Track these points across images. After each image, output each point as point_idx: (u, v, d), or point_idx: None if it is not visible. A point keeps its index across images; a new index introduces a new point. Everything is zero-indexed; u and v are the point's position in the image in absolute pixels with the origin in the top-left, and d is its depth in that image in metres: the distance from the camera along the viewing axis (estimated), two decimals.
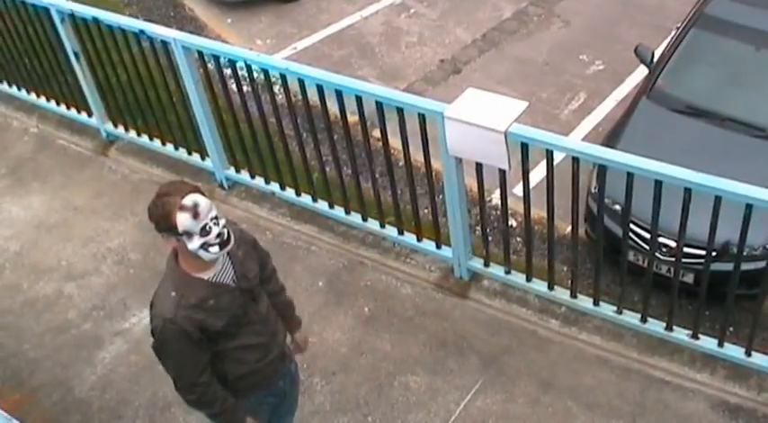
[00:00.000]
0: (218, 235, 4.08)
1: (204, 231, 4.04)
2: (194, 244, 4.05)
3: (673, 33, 9.22)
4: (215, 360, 4.44)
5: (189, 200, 4.02)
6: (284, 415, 5.21)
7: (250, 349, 4.55)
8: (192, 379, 4.35)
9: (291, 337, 5.09)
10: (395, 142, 6.68)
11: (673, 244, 6.56)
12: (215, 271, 4.29)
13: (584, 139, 9.26)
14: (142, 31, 7.42)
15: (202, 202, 4.05)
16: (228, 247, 4.17)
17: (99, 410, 6.45)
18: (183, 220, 4.00)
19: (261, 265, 4.66)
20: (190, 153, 8.32)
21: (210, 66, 7.40)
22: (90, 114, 8.91)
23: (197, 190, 4.12)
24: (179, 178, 8.16)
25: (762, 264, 6.36)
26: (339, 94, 6.59)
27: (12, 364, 6.83)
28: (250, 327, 4.49)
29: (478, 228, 7.21)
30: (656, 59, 8.78)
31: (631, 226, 6.65)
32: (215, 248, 4.09)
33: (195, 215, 4.00)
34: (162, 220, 4.06)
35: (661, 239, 6.75)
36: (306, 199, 7.75)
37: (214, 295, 4.27)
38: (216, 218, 4.08)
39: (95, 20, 7.71)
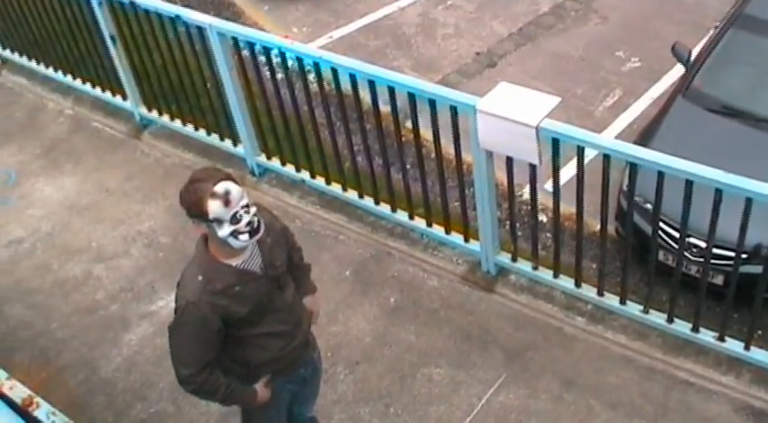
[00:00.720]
0: (249, 223, 4.07)
1: (235, 219, 4.03)
2: (224, 231, 4.05)
3: (711, 32, 9.14)
4: (237, 346, 4.45)
5: (221, 187, 4.01)
6: (304, 403, 5.23)
7: (273, 337, 4.54)
8: (194, 370, 4.33)
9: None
10: (426, 134, 6.68)
11: (702, 244, 6.50)
12: (243, 258, 4.29)
13: (617, 137, 9.18)
14: (178, 17, 7.45)
15: (234, 189, 4.04)
16: (258, 236, 4.16)
17: (123, 391, 6.50)
18: (213, 208, 4.00)
19: (290, 249, 4.67)
20: (222, 139, 8.35)
21: (245, 52, 7.41)
22: (124, 98, 8.98)
23: (229, 177, 4.11)
24: (211, 164, 8.25)
25: None
26: (372, 84, 6.59)
27: (40, 343, 6.90)
28: (275, 314, 4.49)
29: (507, 222, 7.19)
30: (693, 58, 8.70)
31: (661, 225, 6.61)
32: (245, 236, 4.08)
33: (226, 203, 4.00)
34: (193, 206, 4.06)
35: (691, 239, 6.70)
36: (336, 188, 7.76)
37: (240, 282, 4.27)
38: (247, 206, 4.07)
39: (132, 4, 7.75)
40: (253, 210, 4.12)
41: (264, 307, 4.41)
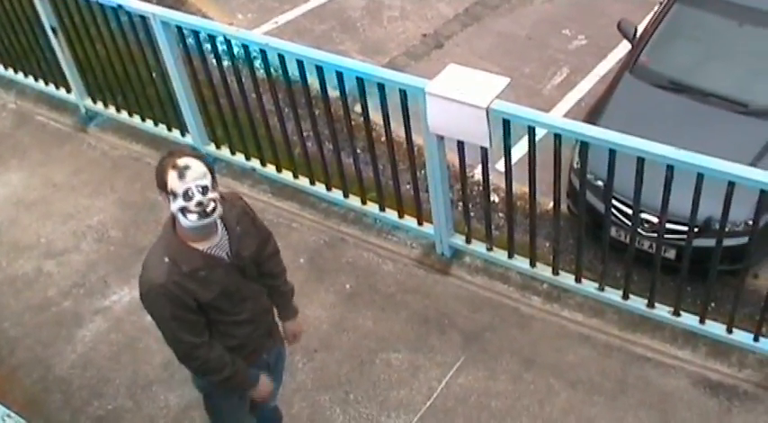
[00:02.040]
0: (199, 203, 4.02)
1: (187, 196, 4.00)
2: (174, 205, 4.04)
3: (656, 8, 9.18)
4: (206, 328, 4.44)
5: (182, 161, 4.01)
6: None
7: (239, 324, 4.54)
8: (192, 341, 4.33)
9: (282, 325, 5.03)
10: (376, 118, 6.65)
11: (655, 220, 6.55)
12: (210, 244, 4.27)
13: (566, 115, 9.23)
14: (120, 6, 7.33)
15: (194, 167, 4.03)
16: (207, 220, 4.10)
17: (79, 389, 6.41)
18: (170, 178, 4.00)
19: (260, 244, 4.62)
20: (170, 129, 8.26)
21: (190, 41, 7.32)
22: (69, 90, 8.84)
23: (199, 157, 4.12)
24: (159, 154, 8.15)
25: (744, 239, 6.34)
26: (320, 69, 6.53)
27: None
28: (241, 303, 4.49)
29: (460, 204, 7.19)
30: (639, 35, 8.74)
31: (613, 202, 6.64)
32: (193, 216, 4.04)
33: (181, 176, 3.98)
34: (158, 176, 4.07)
35: (643, 215, 6.72)
36: (287, 175, 7.71)
37: (206, 267, 4.25)
38: (204, 188, 4.03)
39: None
40: (211, 195, 4.06)
41: (231, 294, 4.40)
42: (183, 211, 4.04)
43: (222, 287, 4.32)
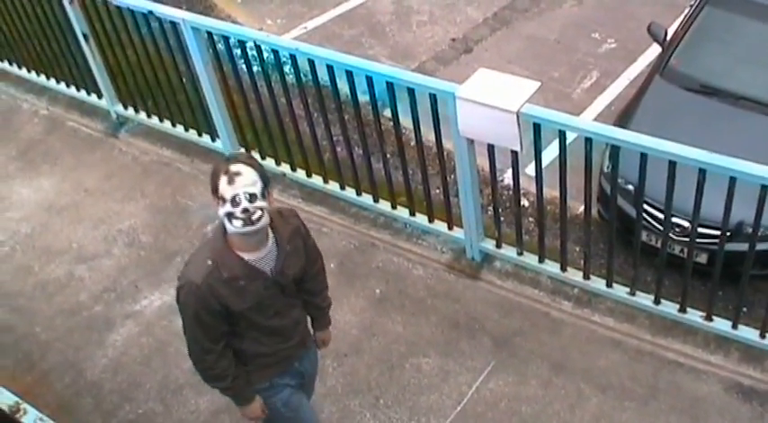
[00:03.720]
0: (244, 211, 4.03)
1: (234, 202, 4.01)
2: (222, 210, 4.06)
3: (686, 11, 9.12)
4: (234, 337, 4.46)
5: (235, 167, 4.04)
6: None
7: (271, 334, 4.55)
8: (205, 345, 4.36)
9: (314, 333, 5.05)
10: (406, 122, 6.65)
11: (686, 224, 6.51)
12: (257, 255, 4.28)
13: (596, 119, 9.19)
14: (151, 12, 7.37)
15: (246, 173, 4.04)
16: (252, 228, 4.10)
17: (110, 393, 6.45)
18: (221, 183, 4.03)
19: (306, 264, 4.62)
20: (200, 134, 8.29)
21: (220, 46, 7.35)
22: (100, 96, 8.89)
23: (254, 165, 4.12)
24: (189, 160, 8.27)
25: None
26: (349, 74, 6.54)
27: (23, 347, 6.83)
28: (274, 317, 4.50)
29: (490, 208, 7.17)
30: (669, 37, 8.69)
31: (645, 206, 6.60)
32: (238, 223, 4.05)
33: (230, 181, 4.00)
34: (211, 180, 4.09)
35: (675, 219, 6.68)
36: (316, 180, 7.72)
37: (247, 278, 4.26)
38: (252, 195, 4.03)
39: (104, 1, 7.68)
40: (258, 203, 4.06)
41: (265, 308, 4.41)
42: (229, 216, 4.05)
43: (257, 300, 4.33)
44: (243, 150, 8.00)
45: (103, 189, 8.30)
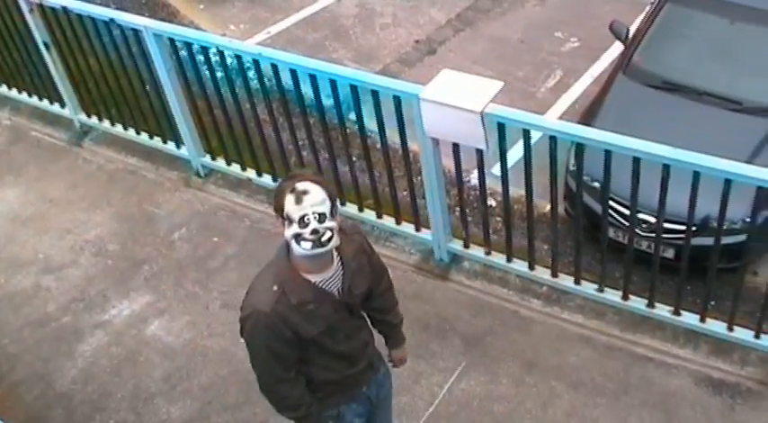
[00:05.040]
0: (314, 232, 3.82)
1: (302, 222, 3.81)
2: (289, 232, 3.85)
3: (647, 9, 9.19)
4: (302, 365, 4.26)
5: (301, 185, 3.82)
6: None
7: (340, 359, 4.36)
8: (279, 375, 4.17)
9: (389, 352, 4.90)
10: (371, 125, 6.64)
11: (652, 220, 6.55)
12: (324, 277, 4.08)
13: (561, 117, 9.23)
14: (112, 20, 7.34)
15: (314, 192, 3.83)
16: (322, 250, 3.90)
17: (81, 404, 6.39)
18: (287, 202, 3.82)
19: (373, 281, 4.42)
20: (165, 141, 8.25)
21: (183, 53, 7.31)
22: (63, 105, 8.83)
23: (321, 183, 3.91)
24: (155, 167, 8.19)
25: (741, 237, 6.36)
26: (313, 78, 6.53)
27: None
28: (345, 339, 4.30)
29: (457, 209, 7.18)
30: (631, 35, 8.75)
31: (610, 203, 6.63)
32: (307, 244, 3.85)
33: (298, 200, 3.79)
34: (275, 199, 3.90)
35: (641, 215, 6.73)
36: None
37: (316, 301, 4.06)
38: (322, 215, 3.83)
39: (64, 9, 7.63)
40: (328, 223, 3.86)
41: (336, 332, 4.22)
42: (298, 238, 3.85)
43: (328, 323, 4.14)
44: (207, 157, 7.98)
45: (69, 199, 8.24)
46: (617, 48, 9.46)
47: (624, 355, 6.31)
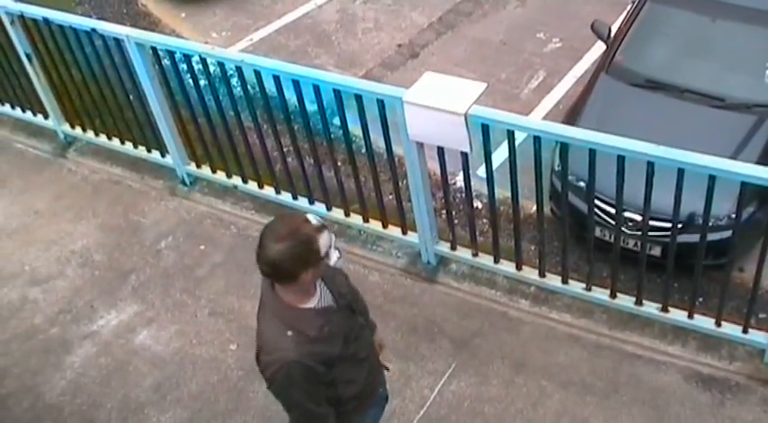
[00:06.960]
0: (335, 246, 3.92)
1: (333, 245, 3.89)
2: (334, 257, 3.89)
3: (628, 8, 9.22)
4: (329, 388, 4.22)
5: (313, 218, 3.84)
6: None
7: (358, 365, 4.37)
8: (316, 414, 4.14)
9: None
10: (355, 129, 6.64)
11: (638, 218, 6.56)
12: (317, 297, 4.09)
13: (545, 118, 9.26)
14: (94, 30, 7.32)
15: (314, 218, 3.89)
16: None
17: (71, 415, 6.36)
18: (324, 240, 3.83)
19: (345, 276, 4.49)
20: (149, 151, 8.23)
21: (166, 61, 7.30)
22: (46, 116, 8.81)
23: (298, 214, 3.99)
24: (140, 176, 8.19)
25: (727, 233, 6.38)
26: (296, 84, 6.53)
27: None
28: (357, 342, 4.31)
29: (443, 211, 7.19)
30: (612, 35, 8.78)
31: (596, 202, 6.65)
32: (336, 253, 3.92)
33: (323, 227, 3.84)
34: (305, 254, 3.79)
35: (626, 214, 6.74)
36: (269, 191, 7.69)
37: (327, 321, 4.07)
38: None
39: (46, 20, 7.61)
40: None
41: (350, 339, 4.23)
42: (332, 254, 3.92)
43: (344, 334, 4.16)
44: (192, 165, 7.96)
45: (54, 210, 8.21)
46: (599, 47, 9.49)
47: (613, 353, 6.32)
